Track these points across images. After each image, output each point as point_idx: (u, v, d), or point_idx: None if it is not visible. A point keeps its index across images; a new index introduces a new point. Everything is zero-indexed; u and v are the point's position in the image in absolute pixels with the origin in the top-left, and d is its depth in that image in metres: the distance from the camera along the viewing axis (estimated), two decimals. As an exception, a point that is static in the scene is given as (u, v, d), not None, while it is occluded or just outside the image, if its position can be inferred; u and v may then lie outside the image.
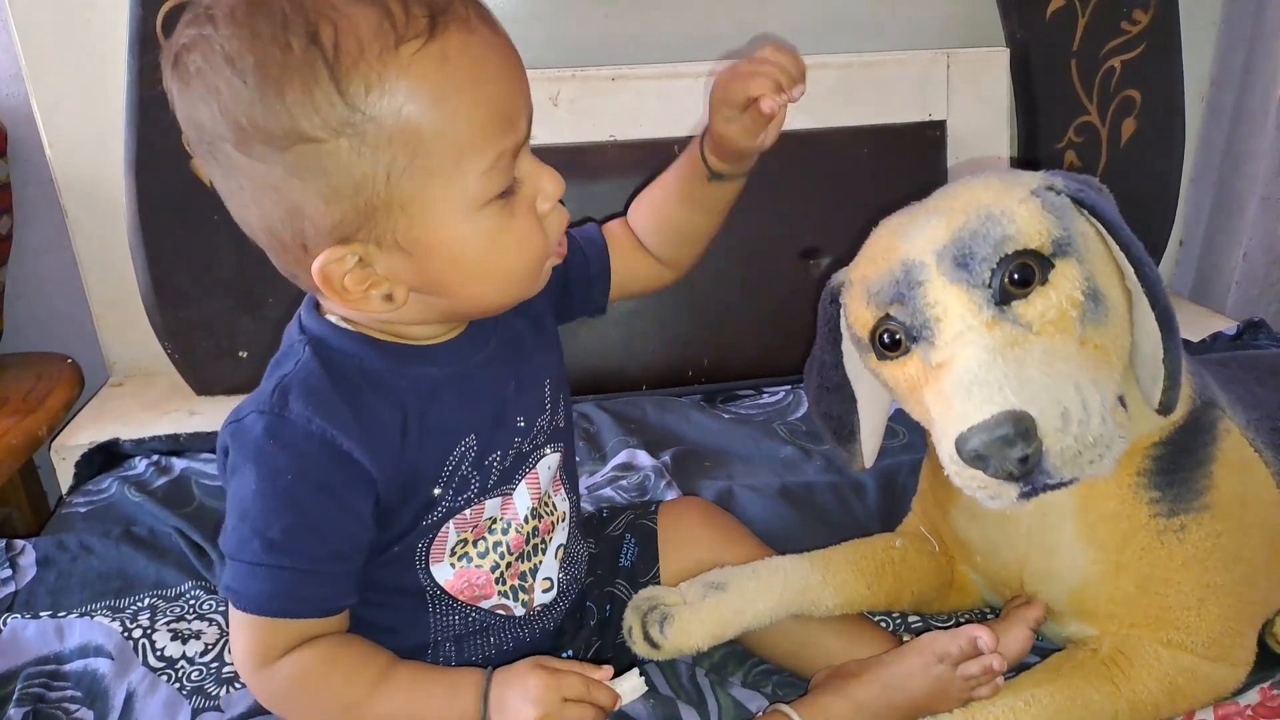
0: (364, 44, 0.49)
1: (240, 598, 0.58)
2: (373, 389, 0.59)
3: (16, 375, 1.22)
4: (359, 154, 0.51)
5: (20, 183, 1.26)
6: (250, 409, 0.58)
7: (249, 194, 0.53)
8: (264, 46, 0.49)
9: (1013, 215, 0.62)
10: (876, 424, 0.77)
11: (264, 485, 0.56)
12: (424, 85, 0.50)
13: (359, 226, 0.53)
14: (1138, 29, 1.26)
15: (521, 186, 0.56)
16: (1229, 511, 0.69)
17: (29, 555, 0.89)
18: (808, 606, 0.74)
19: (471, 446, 0.62)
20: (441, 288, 0.57)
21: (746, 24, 1.27)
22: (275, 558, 0.57)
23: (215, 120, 0.51)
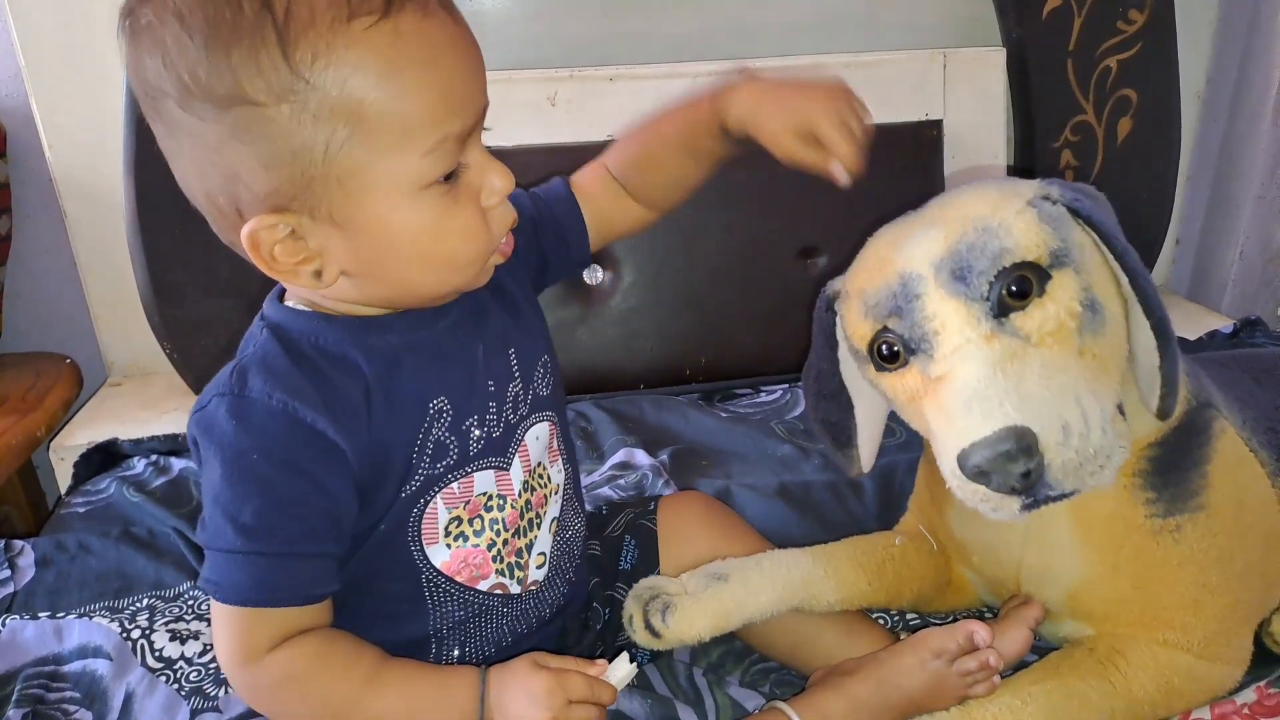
0: (316, 13, 0.49)
1: (219, 589, 0.56)
2: (332, 364, 0.58)
3: (15, 375, 1.22)
4: (299, 122, 0.50)
5: (19, 183, 1.26)
6: (211, 394, 0.57)
7: (188, 154, 0.53)
8: (216, 5, 0.49)
9: (1009, 227, 0.62)
10: (874, 430, 0.77)
11: (230, 468, 0.55)
12: (371, 60, 0.50)
13: (294, 196, 0.52)
14: (1134, 29, 1.27)
15: (467, 175, 0.56)
16: (1224, 511, 0.69)
17: (28, 556, 0.89)
18: (809, 600, 0.74)
19: (444, 410, 0.61)
20: (374, 270, 0.56)
21: (744, 24, 1.27)
22: (250, 543, 0.55)
23: (159, 75, 0.51)
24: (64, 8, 1.14)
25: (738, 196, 1.20)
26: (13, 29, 1.14)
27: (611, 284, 1.19)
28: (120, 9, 0.52)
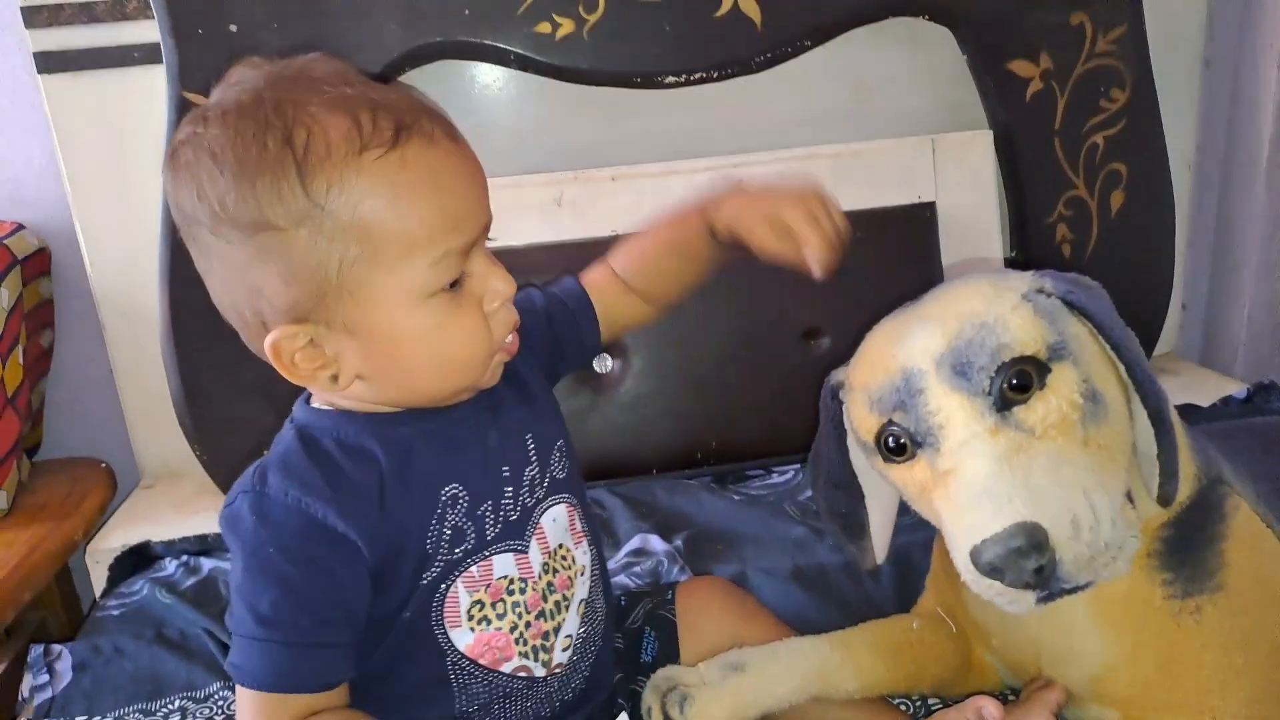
0: (331, 148, 0.55)
1: (241, 673, 0.60)
2: (347, 456, 0.62)
3: (54, 481, 1.27)
4: (315, 243, 0.56)
5: (61, 298, 1.34)
6: (236, 492, 0.62)
7: (219, 274, 0.59)
8: (244, 144, 0.55)
9: (1006, 323, 0.63)
10: (885, 520, 0.77)
11: (250, 561, 0.60)
12: (381, 187, 0.56)
13: (312, 308, 0.58)
14: (1117, 105, 1.30)
15: (470, 282, 0.61)
16: (1245, 589, 0.68)
17: (65, 660, 0.92)
18: (828, 689, 0.74)
19: (459, 496, 0.64)
20: (386, 373, 0.61)
21: (736, 122, 1.33)
22: (267, 632, 0.59)
23: (194, 205, 0.57)
24: (106, 140, 1.22)
25: (740, 281, 1.24)
26: (60, 158, 1.23)
27: (621, 372, 1.23)
28: (165, 151, 0.60)
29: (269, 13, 1.14)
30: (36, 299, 1.27)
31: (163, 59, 1.15)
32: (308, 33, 1.15)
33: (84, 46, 1.20)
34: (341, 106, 0.56)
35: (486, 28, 1.17)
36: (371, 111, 0.56)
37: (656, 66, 1.21)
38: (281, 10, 1.14)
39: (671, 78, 1.22)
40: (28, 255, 1.24)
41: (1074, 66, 1.28)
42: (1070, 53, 1.27)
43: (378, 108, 0.57)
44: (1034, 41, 1.26)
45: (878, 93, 1.35)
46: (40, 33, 1.19)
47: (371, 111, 0.56)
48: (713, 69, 1.22)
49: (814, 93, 1.33)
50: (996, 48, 1.27)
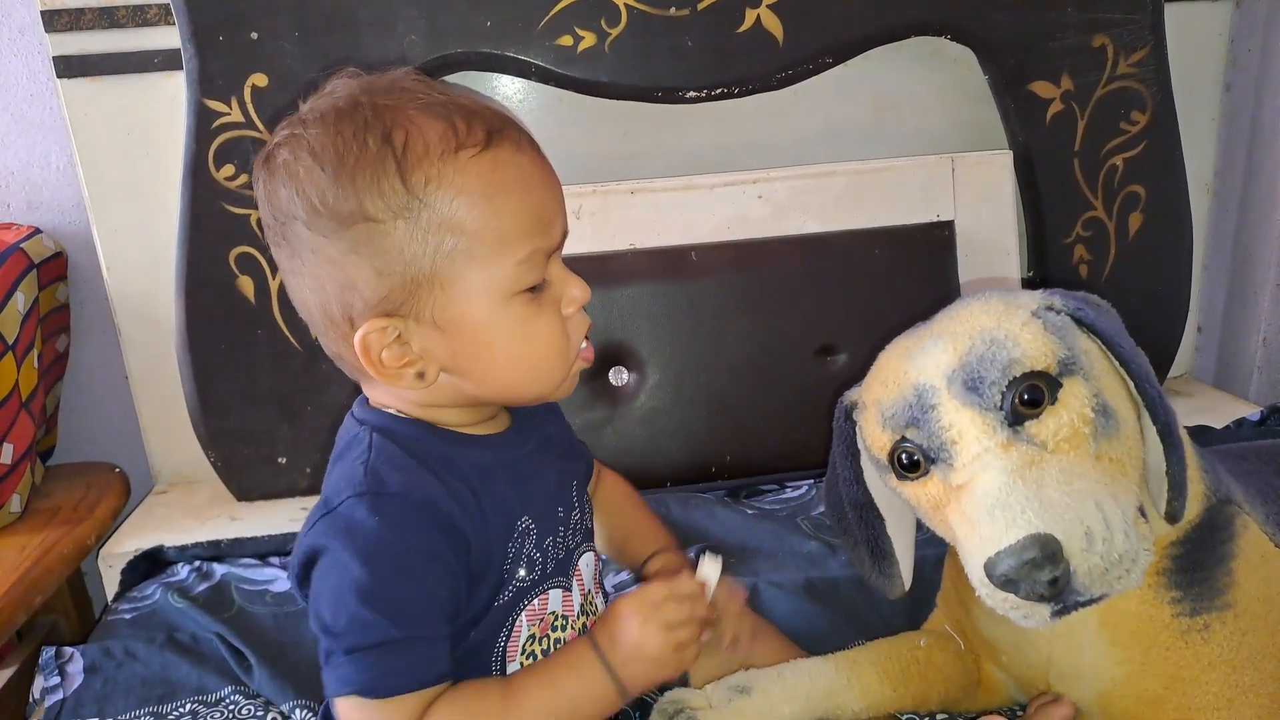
0: (429, 147, 0.58)
1: (376, 686, 0.58)
2: (442, 467, 0.62)
3: (68, 485, 1.27)
4: (412, 235, 0.58)
5: (77, 303, 1.34)
6: (344, 495, 0.60)
7: (309, 270, 0.60)
8: (345, 143, 0.58)
9: (1016, 339, 0.64)
10: (906, 542, 0.77)
11: (381, 561, 0.58)
12: (475, 183, 0.58)
13: (402, 301, 0.59)
14: (1137, 128, 1.31)
15: (550, 287, 0.63)
16: (1254, 609, 0.68)
17: (77, 663, 0.92)
18: (833, 711, 0.74)
19: (530, 528, 0.66)
20: (470, 369, 0.62)
21: (756, 137, 1.33)
22: (406, 629, 0.58)
23: (291, 200, 0.59)
24: (124, 146, 1.23)
25: (756, 297, 1.24)
26: (78, 163, 1.23)
27: (636, 385, 1.23)
28: (258, 155, 0.62)
29: (291, 22, 1.14)
30: (53, 303, 1.27)
31: (183, 66, 1.15)
32: (330, 42, 1.15)
33: (104, 52, 1.20)
34: (436, 111, 0.59)
35: (508, 40, 1.18)
36: (465, 117, 0.59)
37: (677, 81, 1.22)
38: (304, 19, 1.14)
39: (692, 92, 1.22)
40: (45, 259, 1.24)
41: (1095, 88, 1.28)
42: (1091, 74, 1.27)
43: (470, 114, 0.60)
44: (1055, 63, 1.26)
45: (898, 111, 1.35)
46: (60, 37, 1.19)
47: (465, 117, 0.59)
48: (734, 84, 1.22)
49: (834, 110, 1.33)
50: (1018, 68, 1.27)
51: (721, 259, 1.25)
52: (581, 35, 1.18)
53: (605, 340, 1.22)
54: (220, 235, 1.18)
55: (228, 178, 1.17)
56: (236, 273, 1.19)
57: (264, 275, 1.20)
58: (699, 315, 1.23)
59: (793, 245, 1.26)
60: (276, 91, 1.16)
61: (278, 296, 1.20)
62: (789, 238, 1.27)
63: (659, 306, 1.23)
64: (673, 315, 1.23)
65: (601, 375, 1.23)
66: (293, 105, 1.12)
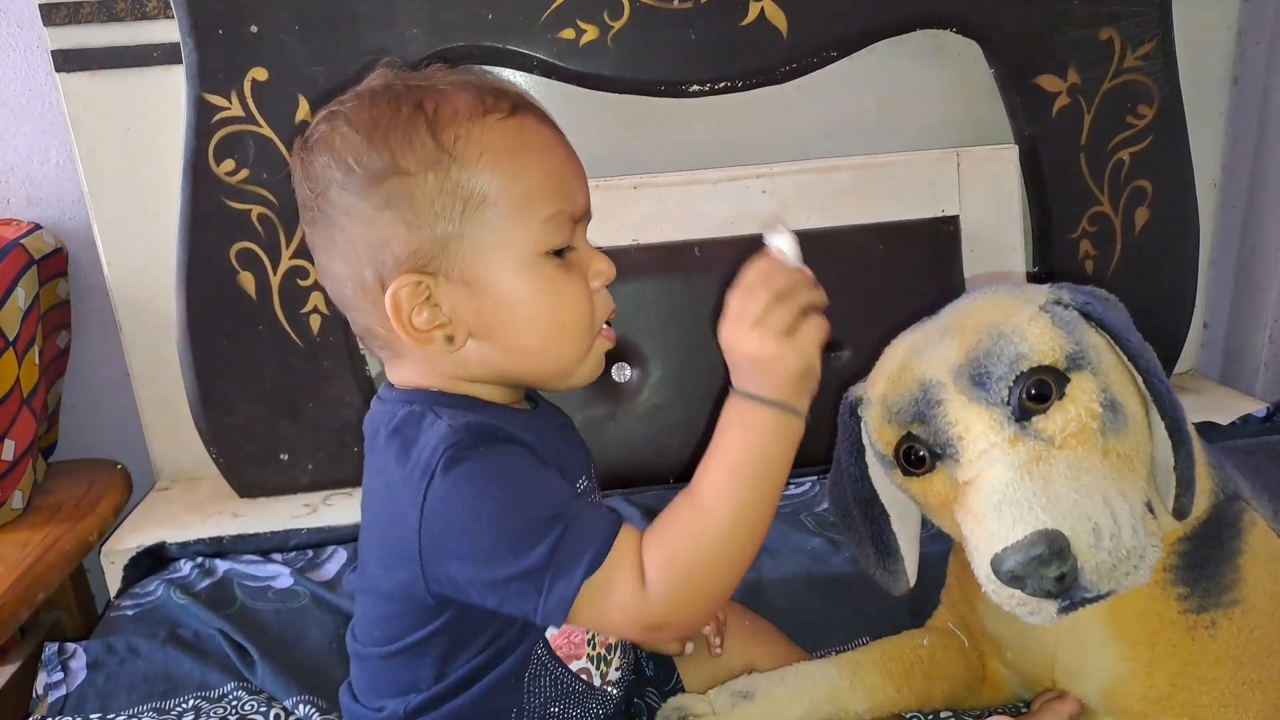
0: (459, 110, 0.61)
1: (585, 563, 0.57)
2: (507, 439, 0.62)
3: (70, 482, 1.27)
4: (442, 187, 0.60)
5: (78, 299, 1.34)
6: (437, 455, 0.59)
7: (343, 237, 0.62)
8: (378, 108, 0.61)
9: (1024, 333, 0.64)
10: (911, 538, 0.77)
11: (510, 475, 0.59)
12: (502, 143, 0.61)
13: (432, 256, 0.61)
14: (1144, 123, 1.30)
15: (577, 258, 0.65)
16: (1261, 605, 0.68)
17: (79, 659, 0.92)
18: (837, 713, 0.74)
19: (588, 489, 0.68)
20: (496, 331, 0.63)
21: (762, 132, 1.32)
22: (569, 505, 0.59)
23: (327, 165, 0.62)
24: (124, 139, 1.23)
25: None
26: (77, 158, 1.23)
27: (640, 381, 1.22)
28: (298, 142, 0.64)
29: (291, 15, 1.14)
30: (53, 299, 1.27)
31: (182, 59, 1.15)
32: (330, 36, 1.15)
33: (103, 45, 1.20)
34: (464, 86, 0.63)
35: (510, 33, 1.17)
36: (492, 91, 0.63)
37: (681, 75, 1.21)
38: (304, 13, 1.14)
39: (696, 86, 1.22)
40: (45, 255, 1.24)
41: (1102, 82, 1.27)
42: (1098, 68, 1.27)
43: (497, 90, 0.63)
44: (1062, 56, 1.26)
45: (903, 105, 1.34)
46: (58, 30, 1.19)
47: (492, 91, 0.63)
48: (737, 78, 1.22)
49: (839, 104, 1.33)
50: (1024, 61, 1.26)
51: (725, 254, 1.24)
52: (584, 29, 1.18)
53: (608, 336, 1.21)
54: (221, 231, 1.18)
55: (228, 173, 1.16)
56: (237, 268, 1.19)
57: (265, 271, 1.19)
58: (702, 311, 1.22)
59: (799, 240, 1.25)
60: (277, 85, 1.15)
61: (279, 292, 1.20)
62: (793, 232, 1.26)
63: (662, 302, 1.22)
64: (676, 311, 1.22)
65: (604, 371, 1.22)
66: (293, 99, 1.15)
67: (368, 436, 0.66)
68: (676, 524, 0.60)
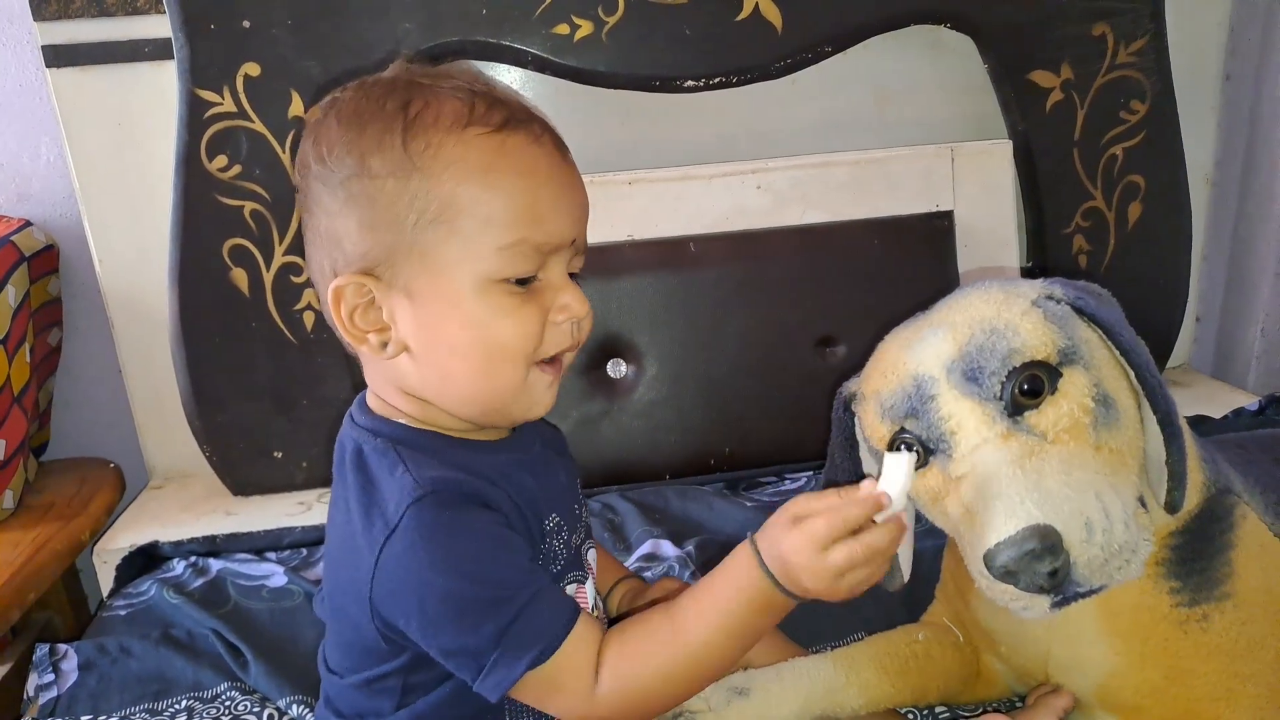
0: (440, 117, 0.59)
1: (536, 654, 0.57)
2: (470, 471, 0.62)
3: (61, 481, 1.26)
4: (400, 195, 0.58)
5: (70, 297, 1.33)
6: (400, 510, 0.58)
7: (315, 224, 0.62)
8: (365, 102, 0.60)
9: (1017, 328, 0.64)
10: (906, 534, 0.76)
11: (463, 551, 0.58)
12: (473, 159, 0.58)
13: (380, 261, 0.59)
14: (1136, 118, 1.30)
15: (544, 290, 0.61)
16: (1253, 599, 0.68)
17: (71, 660, 0.91)
18: (833, 708, 0.74)
19: (560, 525, 0.66)
20: (428, 352, 0.61)
21: (756, 128, 1.33)
22: (525, 589, 0.58)
23: (309, 152, 0.61)
24: (116, 135, 1.22)
25: (755, 288, 1.24)
26: (69, 155, 1.22)
27: (635, 377, 1.22)
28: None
29: (284, 10, 1.13)
30: (44, 297, 1.26)
31: (174, 55, 1.14)
32: (323, 30, 1.14)
33: (93, 40, 1.19)
34: (462, 93, 0.60)
35: (504, 28, 1.17)
36: (488, 102, 0.60)
37: (675, 70, 1.21)
38: (296, 7, 1.13)
39: (690, 81, 1.21)
40: (35, 252, 1.23)
41: (1095, 77, 1.27)
42: (1091, 63, 1.27)
43: (495, 101, 0.60)
44: (1055, 52, 1.26)
45: (898, 101, 1.35)
46: (49, 25, 1.18)
47: (488, 102, 0.60)
48: (732, 73, 1.22)
49: (834, 99, 1.33)
50: (1018, 57, 1.26)
51: (720, 250, 1.24)
52: (578, 24, 1.17)
53: (603, 332, 1.21)
54: (213, 227, 1.17)
55: (220, 169, 1.16)
56: (230, 265, 1.18)
57: (258, 267, 1.19)
58: (698, 307, 1.22)
59: (792, 236, 1.26)
60: (269, 81, 1.14)
61: (272, 289, 1.19)
62: (788, 228, 1.26)
63: (657, 298, 1.22)
64: (671, 307, 1.22)
65: (599, 368, 1.22)
66: (286, 94, 1.14)
67: (335, 457, 0.66)
68: (649, 644, 0.60)
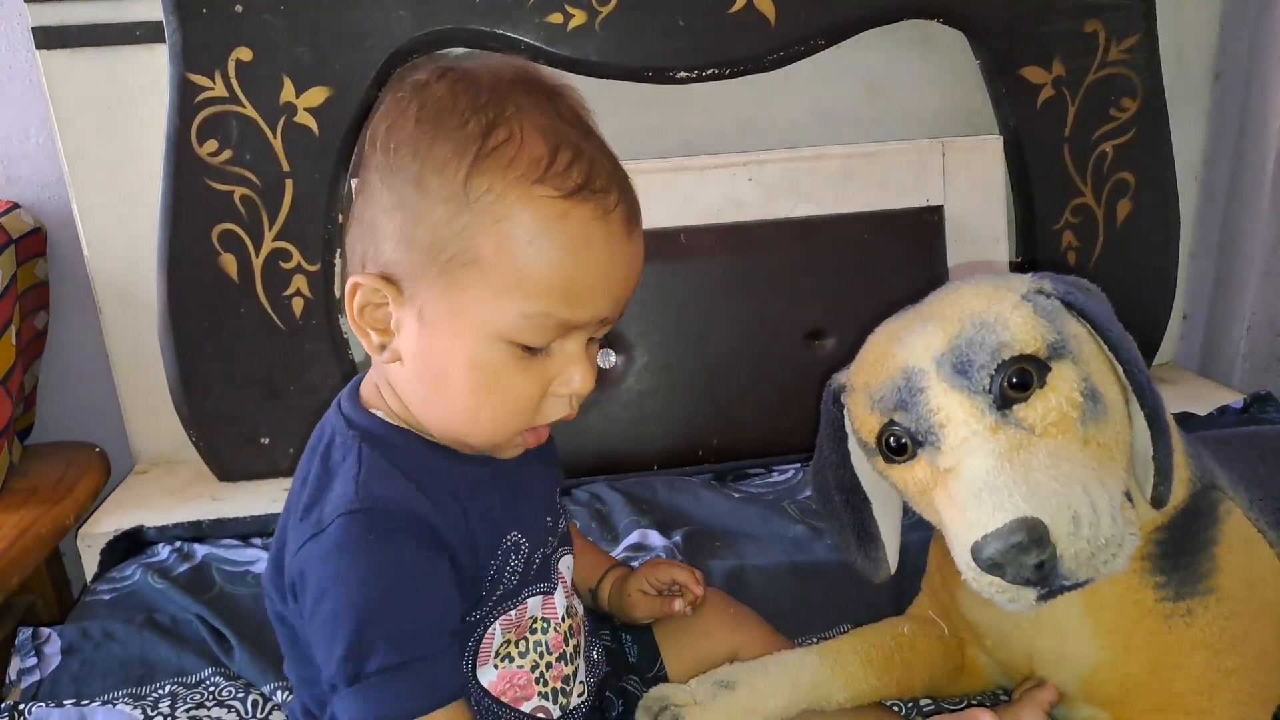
0: (515, 162, 0.55)
1: (382, 715, 0.56)
2: (430, 479, 0.61)
3: (47, 464, 1.26)
4: (444, 224, 0.56)
5: (57, 280, 1.32)
6: (334, 515, 0.58)
7: (362, 200, 0.60)
8: (451, 112, 0.57)
9: (1006, 322, 0.64)
10: (893, 526, 0.77)
11: (375, 582, 0.57)
12: (530, 220, 0.55)
13: (405, 277, 0.58)
14: (1127, 115, 1.30)
15: (552, 358, 0.59)
16: (1236, 594, 0.69)
17: (54, 644, 0.91)
18: (819, 702, 0.74)
19: (521, 543, 0.65)
20: (420, 375, 0.60)
21: (748, 119, 1.32)
22: (407, 651, 0.56)
23: (381, 134, 0.59)
24: (106, 118, 1.21)
25: (746, 281, 1.24)
26: (57, 137, 1.21)
27: (624, 368, 1.22)
28: (404, 70, 0.60)
29: (276, -6, 1.12)
30: (31, 280, 1.25)
31: (165, 38, 1.13)
32: (315, 16, 1.14)
33: (84, 23, 1.18)
34: (551, 136, 0.56)
35: (497, 16, 1.16)
36: (573, 156, 0.56)
37: (668, 61, 1.20)
38: (290, -8, 1.13)
39: (683, 73, 1.21)
40: (23, 235, 1.22)
41: (1086, 74, 1.28)
42: (1083, 60, 1.27)
43: (580, 157, 0.57)
44: (1047, 48, 1.26)
45: (889, 95, 1.34)
46: (39, 7, 1.17)
47: (573, 156, 0.56)
48: (725, 65, 1.21)
49: (825, 93, 1.33)
50: (1010, 53, 1.27)
51: (711, 242, 1.24)
52: (572, 13, 1.17)
53: (593, 322, 1.21)
54: (203, 212, 1.16)
55: (211, 153, 1.15)
56: (219, 250, 1.18)
57: (247, 253, 1.18)
58: (688, 298, 1.22)
59: (782, 229, 1.26)
60: (261, 65, 1.14)
61: (261, 275, 1.19)
62: (779, 221, 1.26)
63: (647, 289, 1.21)
64: (661, 298, 1.22)
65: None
66: (277, 80, 1.13)
67: (313, 437, 0.65)
68: None
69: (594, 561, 0.83)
